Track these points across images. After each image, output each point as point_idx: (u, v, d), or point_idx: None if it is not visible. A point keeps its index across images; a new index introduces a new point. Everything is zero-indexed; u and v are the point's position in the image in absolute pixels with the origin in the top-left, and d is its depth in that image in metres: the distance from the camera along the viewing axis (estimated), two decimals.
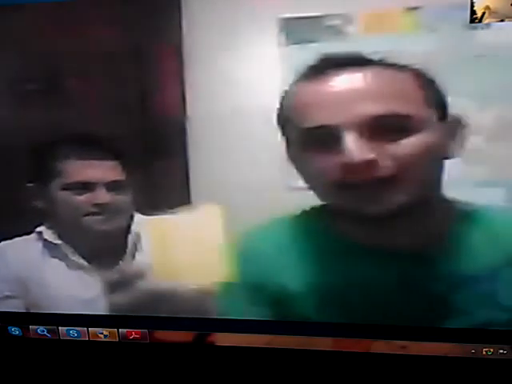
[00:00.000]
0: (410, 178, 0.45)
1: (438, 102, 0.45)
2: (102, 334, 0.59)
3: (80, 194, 0.55)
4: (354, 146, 0.44)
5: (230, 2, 0.48)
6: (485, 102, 0.45)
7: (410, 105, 0.44)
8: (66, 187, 0.55)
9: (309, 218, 0.51)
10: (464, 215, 0.48)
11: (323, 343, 0.54)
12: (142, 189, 0.55)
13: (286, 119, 0.48)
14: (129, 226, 0.56)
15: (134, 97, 0.53)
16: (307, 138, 0.46)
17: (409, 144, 0.44)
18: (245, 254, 0.52)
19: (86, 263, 0.58)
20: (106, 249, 0.58)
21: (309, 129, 0.46)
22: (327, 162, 0.45)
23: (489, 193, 0.47)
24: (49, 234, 0.57)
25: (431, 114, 0.45)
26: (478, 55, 0.45)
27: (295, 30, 0.47)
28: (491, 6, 0.44)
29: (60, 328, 0.59)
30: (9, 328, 0.60)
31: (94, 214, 0.55)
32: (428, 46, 0.45)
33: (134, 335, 0.58)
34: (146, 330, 0.58)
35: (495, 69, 0.45)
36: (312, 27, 0.47)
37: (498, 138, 0.46)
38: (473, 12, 0.44)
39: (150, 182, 0.54)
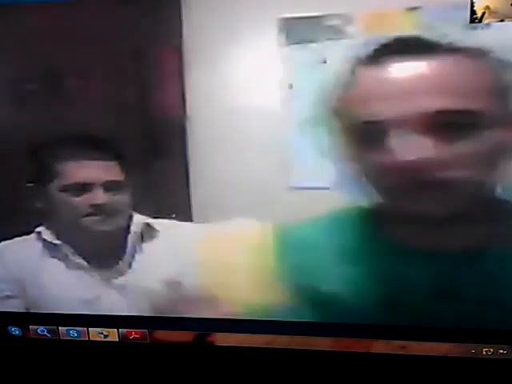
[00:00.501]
0: (467, 180, 0.42)
1: (506, 95, 0.41)
2: (101, 333, 0.59)
3: (78, 195, 0.55)
4: (413, 145, 0.40)
5: (230, 2, 0.48)
6: None
7: (481, 99, 0.40)
8: (64, 188, 0.55)
9: (352, 218, 0.48)
10: None
11: (323, 343, 0.54)
12: (141, 189, 0.55)
13: (338, 110, 0.44)
14: (128, 226, 0.56)
15: (133, 97, 0.53)
16: (363, 132, 0.43)
17: (473, 143, 0.41)
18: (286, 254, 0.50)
19: (85, 263, 0.58)
20: (106, 249, 0.58)
21: (366, 122, 0.42)
22: (382, 159, 0.42)
23: None
24: (48, 235, 0.57)
25: (499, 109, 0.41)
26: None
27: (295, 29, 0.47)
28: (491, 6, 0.44)
29: (60, 328, 0.59)
30: (9, 328, 0.60)
31: (92, 214, 0.55)
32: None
33: (134, 335, 0.58)
34: (145, 330, 0.58)
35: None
36: (312, 27, 0.47)
37: None
38: (473, 12, 0.44)
39: (150, 182, 0.54)
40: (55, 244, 0.57)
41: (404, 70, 0.41)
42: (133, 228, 0.56)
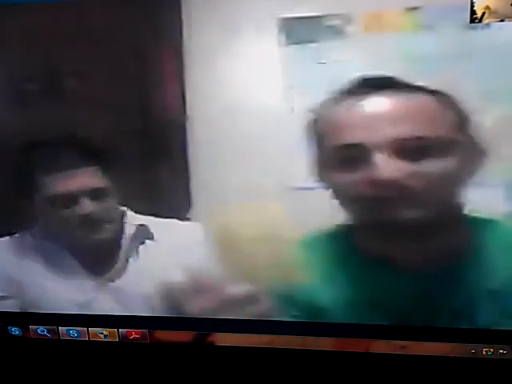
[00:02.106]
0: (430, 195, 0.47)
1: (462, 125, 0.47)
2: (101, 333, 0.59)
3: (66, 207, 0.54)
4: (382, 165, 0.46)
5: (230, 2, 0.48)
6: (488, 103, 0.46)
7: (437, 128, 0.46)
8: (52, 200, 0.54)
9: (336, 234, 0.52)
10: (483, 228, 0.49)
11: (323, 343, 0.54)
12: (137, 191, 0.54)
13: (317, 133, 0.50)
14: (122, 230, 0.56)
15: (133, 97, 0.52)
16: (339, 154, 0.48)
17: (432, 165, 0.46)
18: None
19: (79, 267, 0.57)
20: (100, 254, 0.57)
21: (341, 146, 0.48)
22: (356, 177, 0.48)
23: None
24: (42, 236, 0.57)
25: (455, 137, 0.47)
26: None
27: (295, 29, 0.47)
28: (491, 6, 0.44)
29: (60, 328, 0.59)
30: (9, 328, 0.60)
31: (82, 225, 0.54)
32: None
33: (134, 335, 0.58)
34: (145, 330, 0.58)
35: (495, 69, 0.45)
36: (312, 27, 0.47)
37: (504, 138, 0.46)
38: (473, 12, 0.44)
39: (148, 183, 0.54)
40: (49, 246, 0.57)
41: (379, 103, 0.47)
42: (126, 231, 0.56)
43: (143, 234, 0.56)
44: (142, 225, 0.56)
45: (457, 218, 0.49)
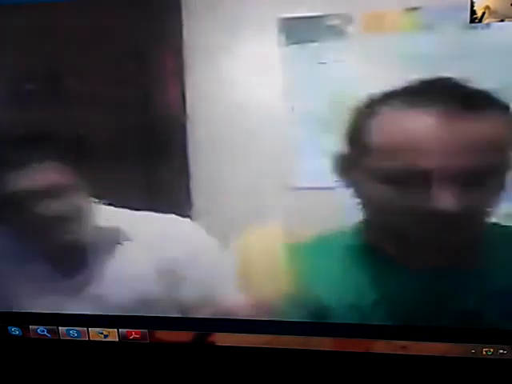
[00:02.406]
0: (474, 217, 0.44)
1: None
2: (101, 333, 0.59)
3: (40, 203, 0.51)
4: (441, 197, 0.42)
5: (230, 2, 0.48)
6: None
7: (504, 152, 0.42)
8: (21, 196, 0.51)
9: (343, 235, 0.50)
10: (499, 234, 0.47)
11: (323, 343, 0.54)
12: (143, 190, 0.54)
13: (360, 142, 0.45)
14: (96, 230, 0.53)
15: (133, 97, 0.52)
16: (385, 172, 0.43)
17: (486, 190, 0.43)
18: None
19: (49, 270, 0.55)
20: (68, 255, 0.55)
21: (391, 166, 0.43)
22: (402, 197, 0.44)
23: None
24: (8, 236, 0.55)
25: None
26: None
27: (295, 29, 0.47)
28: (491, 6, 0.44)
29: (60, 328, 0.59)
30: (9, 328, 0.60)
31: (55, 223, 0.52)
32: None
33: (134, 335, 0.58)
34: (145, 330, 0.58)
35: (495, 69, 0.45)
36: (312, 27, 0.47)
37: None
38: (473, 12, 0.44)
39: (150, 183, 0.54)
40: (18, 243, 0.55)
41: (439, 121, 0.41)
42: (101, 232, 0.53)
43: (116, 235, 0.54)
44: (115, 226, 0.53)
45: (483, 227, 0.47)
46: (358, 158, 0.46)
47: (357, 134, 0.45)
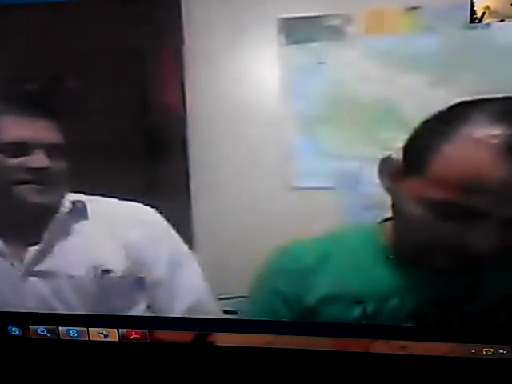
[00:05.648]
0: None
1: None
2: (101, 334, 0.59)
3: (14, 157, 0.47)
4: (484, 233, 0.41)
5: (230, 2, 0.48)
6: None
7: None
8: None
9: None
10: None
11: (323, 343, 0.54)
12: (144, 191, 0.54)
13: (422, 158, 0.42)
14: (59, 204, 0.50)
15: (133, 97, 0.52)
16: (434, 200, 0.42)
17: None
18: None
19: (3, 245, 0.51)
20: (29, 228, 0.50)
21: (445, 196, 0.41)
22: (449, 225, 0.43)
23: None
24: None
25: None
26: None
27: (295, 29, 0.47)
28: (491, 6, 0.44)
29: (60, 328, 0.59)
30: (9, 328, 0.60)
31: (26, 181, 0.48)
32: None
33: (133, 335, 0.58)
34: (145, 330, 0.58)
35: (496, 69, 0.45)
36: (312, 27, 0.47)
37: None
38: (473, 12, 0.44)
39: (150, 183, 0.54)
40: None
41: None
42: (63, 206, 0.49)
43: (80, 212, 0.50)
44: (79, 201, 0.50)
45: None
46: (412, 171, 0.44)
47: (421, 149, 0.44)
